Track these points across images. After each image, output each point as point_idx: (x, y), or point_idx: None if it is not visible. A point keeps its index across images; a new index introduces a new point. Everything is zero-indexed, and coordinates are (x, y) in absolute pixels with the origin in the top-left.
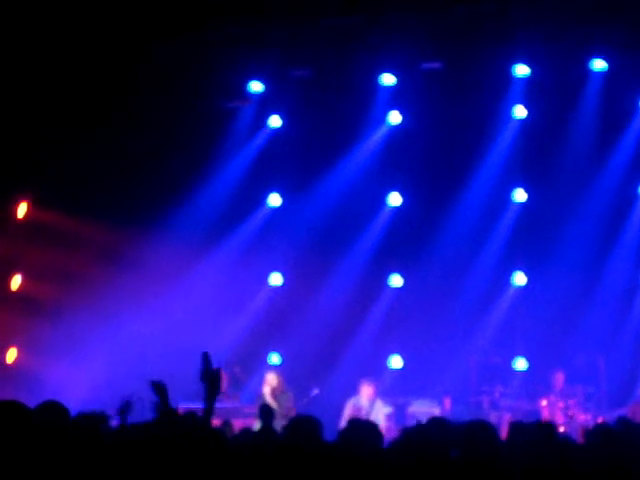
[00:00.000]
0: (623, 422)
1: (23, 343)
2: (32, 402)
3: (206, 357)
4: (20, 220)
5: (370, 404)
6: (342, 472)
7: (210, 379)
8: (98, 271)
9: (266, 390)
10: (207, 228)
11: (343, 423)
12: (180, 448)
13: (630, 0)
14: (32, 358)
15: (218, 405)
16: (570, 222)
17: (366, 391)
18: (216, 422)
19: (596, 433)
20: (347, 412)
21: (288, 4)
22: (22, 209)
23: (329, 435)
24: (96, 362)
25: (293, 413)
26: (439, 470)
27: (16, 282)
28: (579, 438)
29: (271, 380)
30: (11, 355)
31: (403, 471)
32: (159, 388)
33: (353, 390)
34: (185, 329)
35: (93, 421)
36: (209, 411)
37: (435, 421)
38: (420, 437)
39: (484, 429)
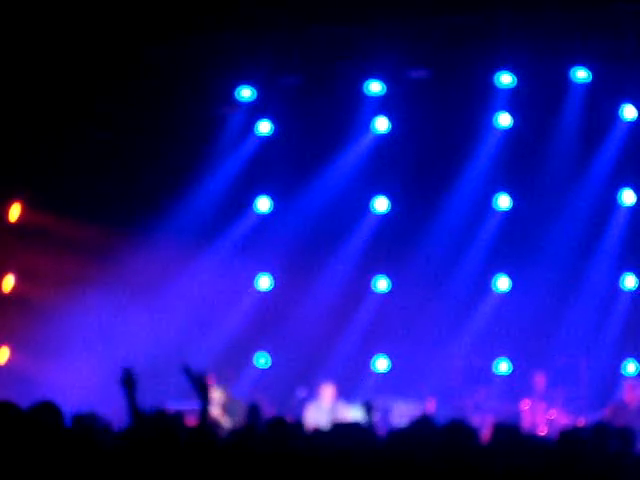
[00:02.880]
0: (598, 429)
1: (15, 344)
2: (24, 403)
3: (187, 369)
4: (12, 221)
5: (332, 407)
6: (326, 474)
7: (200, 385)
8: (89, 273)
9: (216, 411)
10: (197, 232)
11: (307, 427)
12: (162, 448)
13: (612, 12)
14: (24, 358)
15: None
16: (552, 227)
17: (327, 393)
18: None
19: (567, 436)
20: (308, 417)
21: (277, 12)
22: (14, 211)
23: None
24: (87, 363)
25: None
26: (421, 472)
27: (8, 283)
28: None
29: (218, 399)
30: (2, 355)
31: (385, 473)
32: (128, 383)
33: (339, 392)
34: (175, 331)
35: (86, 422)
36: (204, 413)
37: (418, 422)
38: (403, 439)
39: (465, 431)
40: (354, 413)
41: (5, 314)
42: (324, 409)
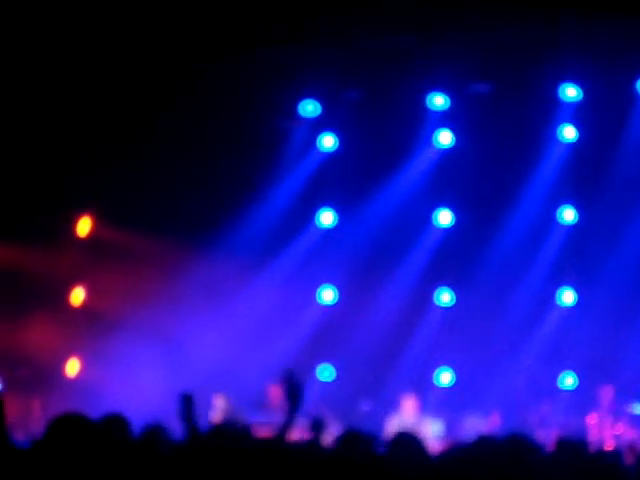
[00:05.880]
0: None
1: (85, 356)
2: (93, 414)
3: (290, 376)
4: (81, 235)
5: (415, 421)
6: None
7: (292, 394)
8: (156, 286)
9: (216, 417)
10: (260, 246)
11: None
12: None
13: None
14: (93, 370)
15: (271, 419)
16: (617, 240)
17: (409, 406)
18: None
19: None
20: (389, 430)
21: (341, 26)
22: (83, 225)
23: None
24: (156, 375)
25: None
26: None
27: (77, 297)
28: (627, 456)
29: (220, 405)
30: (72, 367)
31: None
32: (186, 401)
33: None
34: (241, 344)
35: (153, 434)
36: (289, 424)
37: (482, 439)
38: (466, 455)
39: (527, 446)
40: (433, 427)
41: (75, 327)
42: (406, 422)
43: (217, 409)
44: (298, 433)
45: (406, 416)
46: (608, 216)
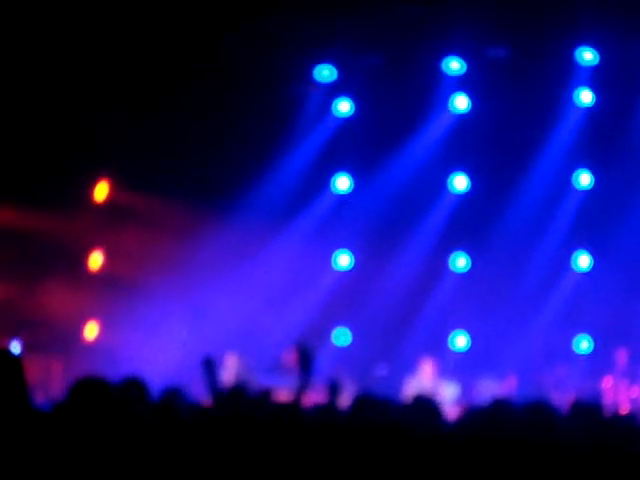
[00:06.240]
0: None
1: (103, 320)
2: (112, 377)
3: (303, 343)
4: (99, 200)
5: (433, 384)
6: (399, 451)
7: (305, 363)
8: (174, 249)
9: (227, 377)
10: (276, 210)
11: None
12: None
13: None
14: (112, 334)
15: (287, 383)
16: (633, 204)
17: (427, 369)
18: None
19: None
20: (408, 394)
21: None
22: (101, 190)
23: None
24: (172, 338)
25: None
26: (500, 452)
27: (96, 261)
28: None
29: (232, 364)
30: (91, 331)
31: (463, 453)
32: (209, 366)
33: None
34: (258, 308)
35: (171, 397)
36: (302, 391)
37: (498, 403)
38: (482, 419)
39: (545, 410)
40: (449, 390)
41: (94, 291)
42: (423, 385)
43: (229, 369)
44: (315, 396)
45: (424, 379)
46: (624, 181)
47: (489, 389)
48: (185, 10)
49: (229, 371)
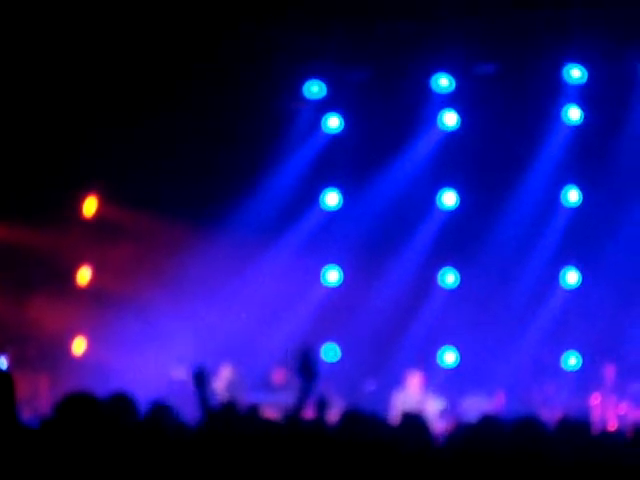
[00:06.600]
0: None
1: (91, 335)
2: (100, 393)
3: (306, 351)
4: (87, 215)
5: (420, 398)
6: (387, 467)
7: (307, 371)
8: (163, 265)
9: (219, 385)
10: (265, 226)
11: (393, 419)
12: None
13: None
14: (100, 350)
15: (275, 399)
16: (621, 221)
17: (414, 382)
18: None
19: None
20: (396, 408)
21: (345, 7)
22: (89, 205)
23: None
24: (160, 355)
25: None
26: (488, 468)
27: (84, 276)
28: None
29: (226, 375)
30: (79, 346)
31: (452, 468)
32: (200, 379)
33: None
34: (246, 325)
35: (159, 414)
36: (303, 402)
37: (487, 419)
38: (471, 435)
39: (534, 426)
40: (437, 404)
41: (82, 307)
42: (411, 398)
43: (222, 379)
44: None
45: (411, 392)
46: (612, 198)
47: (478, 405)
48: (169, 36)
49: (221, 382)
